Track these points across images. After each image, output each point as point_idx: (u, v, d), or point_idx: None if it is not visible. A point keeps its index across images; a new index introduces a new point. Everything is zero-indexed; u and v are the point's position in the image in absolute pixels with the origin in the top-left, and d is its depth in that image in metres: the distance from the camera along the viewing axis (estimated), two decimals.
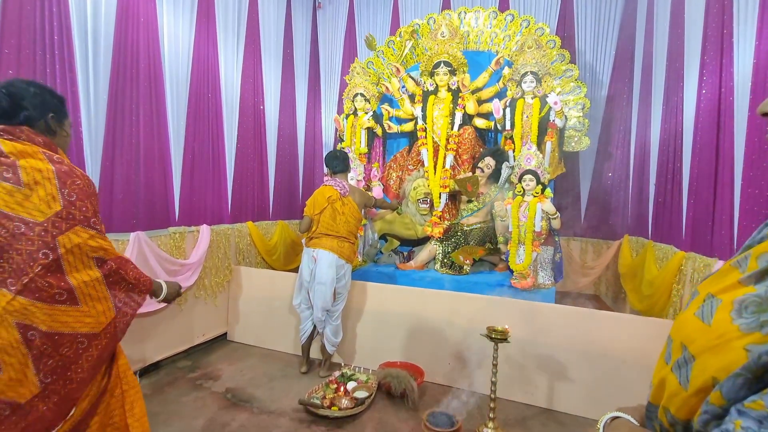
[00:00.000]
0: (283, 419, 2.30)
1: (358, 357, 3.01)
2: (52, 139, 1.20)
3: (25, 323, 1.03)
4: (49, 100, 1.20)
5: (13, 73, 2.01)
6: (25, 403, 1.03)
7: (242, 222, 3.76)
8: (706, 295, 0.55)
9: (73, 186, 1.12)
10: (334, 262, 2.74)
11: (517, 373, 2.54)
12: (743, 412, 0.41)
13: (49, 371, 1.06)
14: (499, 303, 2.65)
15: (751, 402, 0.41)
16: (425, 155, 3.58)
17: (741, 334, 0.44)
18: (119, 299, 1.23)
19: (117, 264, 1.20)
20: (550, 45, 3.56)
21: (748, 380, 0.42)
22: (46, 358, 1.05)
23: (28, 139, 1.12)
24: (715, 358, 0.46)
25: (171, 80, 2.93)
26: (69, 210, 1.10)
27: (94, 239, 1.14)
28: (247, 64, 3.76)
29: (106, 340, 1.18)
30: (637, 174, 3.55)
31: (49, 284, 1.06)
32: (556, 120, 3.27)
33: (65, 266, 1.09)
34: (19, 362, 1.02)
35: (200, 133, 3.24)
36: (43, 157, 1.11)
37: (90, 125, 2.38)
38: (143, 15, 2.69)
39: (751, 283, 0.48)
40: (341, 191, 2.84)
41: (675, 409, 0.52)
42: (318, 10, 4.98)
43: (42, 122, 1.18)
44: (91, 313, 1.14)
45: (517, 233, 3.02)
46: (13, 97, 1.13)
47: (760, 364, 0.41)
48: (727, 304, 0.49)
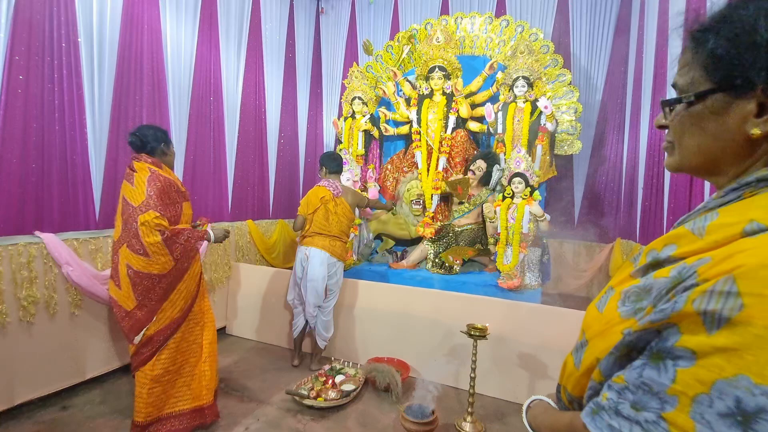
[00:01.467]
0: (270, 408, 2.41)
1: (348, 352, 3.11)
2: (162, 158, 2.06)
3: (128, 264, 1.92)
4: (160, 137, 2.06)
5: (23, 79, 2.16)
6: (131, 310, 1.94)
7: (242, 220, 3.89)
8: (608, 287, 0.62)
9: (152, 186, 1.93)
10: (326, 260, 2.84)
11: (498, 370, 2.61)
12: (610, 386, 0.47)
13: (139, 293, 1.93)
14: (483, 302, 2.72)
15: (616, 377, 0.47)
16: (419, 157, 3.67)
17: (621, 320, 0.50)
18: (176, 254, 1.97)
19: (171, 233, 1.95)
20: (543, 50, 3.62)
21: (618, 358, 0.48)
22: (137, 286, 1.92)
23: (144, 161, 2.00)
24: (601, 341, 0.52)
25: (173, 84, 3.07)
26: (147, 200, 1.91)
27: (157, 219, 1.91)
28: (249, 68, 3.90)
29: (171, 278, 1.98)
30: (628, 178, 3.58)
31: (136, 243, 1.90)
32: (546, 124, 3.33)
33: (141, 233, 1.89)
34: (127, 286, 1.93)
35: (201, 135, 3.39)
36: (147, 170, 1.96)
37: (95, 127, 2.53)
38: (147, 22, 2.84)
39: (638, 276, 0.54)
40: (334, 192, 2.94)
41: (570, 387, 0.58)
42: (321, 16, 5.10)
43: (158, 149, 2.05)
44: (158, 261, 1.93)
45: (505, 234, 3.09)
46: (142, 137, 2.02)
47: (625, 344, 0.47)
48: (617, 295, 0.54)
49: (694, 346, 0.39)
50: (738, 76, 0.46)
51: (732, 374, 0.36)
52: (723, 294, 0.38)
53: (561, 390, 0.63)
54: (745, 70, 0.45)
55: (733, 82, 0.47)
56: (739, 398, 0.35)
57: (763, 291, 0.36)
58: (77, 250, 2.37)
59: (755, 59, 0.44)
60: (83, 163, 2.48)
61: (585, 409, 0.49)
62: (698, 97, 0.50)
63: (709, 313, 0.39)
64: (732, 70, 0.47)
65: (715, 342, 0.38)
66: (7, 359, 2.09)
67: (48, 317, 2.27)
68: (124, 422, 2.19)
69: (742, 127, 0.47)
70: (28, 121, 2.20)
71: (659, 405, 0.40)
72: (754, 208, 0.45)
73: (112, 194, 2.67)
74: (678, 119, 0.53)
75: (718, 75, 0.48)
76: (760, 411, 0.34)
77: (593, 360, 0.52)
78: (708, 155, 0.52)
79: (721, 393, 0.36)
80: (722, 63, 0.47)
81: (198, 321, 2.14)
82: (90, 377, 2.50)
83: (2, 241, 2.07)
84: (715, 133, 0.50)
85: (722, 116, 0.49)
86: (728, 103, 0.48)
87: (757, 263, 0.38)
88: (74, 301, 2.38)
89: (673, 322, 0.42)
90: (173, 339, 2.03)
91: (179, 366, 2.07)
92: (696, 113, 0.51)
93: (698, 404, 0.37)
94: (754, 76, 0.45)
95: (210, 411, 2.14)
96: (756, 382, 0.35)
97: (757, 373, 0.35)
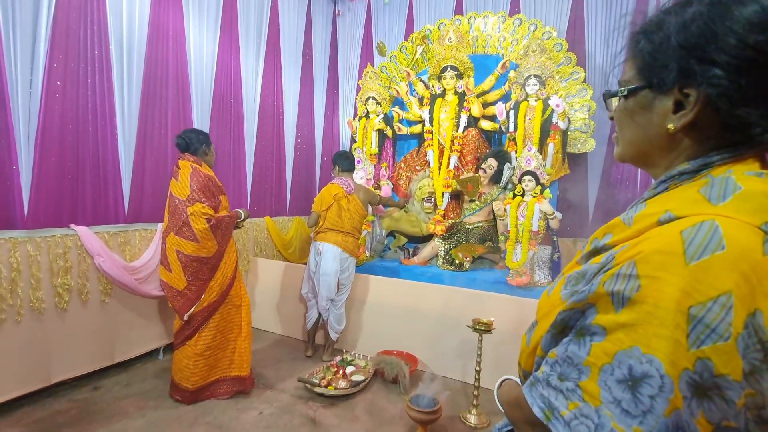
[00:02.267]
0: (284, 395, 2.53)
1: (359, 344, 3.20)
2: (203, 157, 2.42)
3: (177, 249, 2.28)
4: (202, 139, 2.41)
5: (60, 84, 2.35)
6: (182, 289, 2.30)
7: (260, 217, 4.05)
8: (561, 274, 0.68)
9: (194, 181, 2.29)
10: (338, 255, 2.94)
11: (505, 366, 2.64)
12: (546, 361, 0.52)
13: (189, 274, 2.29)
14: (491, 298, 2.76)
15: (550, 352, 0.52)
16: (431, 156, 3.73)
17: (561, 302, 0.55)
18: (219, 238, 2.33)
19: (216, 220, 2.31)
20: (556, 48, 3.62)
21: (554, 335, 0.54)
22: (187, 268, 2.28)
23: (187, 159, 2.35)
24: (545, 321, 0.57)
25: (196, 88, 3.24)
26: (192, 194, 2.27)
27: (204, 208, 2.28)
28: (267, 70, 4.05)
29: (215, 260, 2.34)
30: (643, 177, 3.53)
31: (186, 230, 2.26)
32: (558, 122, 3.33)
33: (191, 221, 2.26)
34: (178, 269, 2.28)
35: (222, 136, 3.55)
36: (189, 168, 2.32)
37: (124, 128, 2.71)
38: (172, 29, 3.01)
39: (582, 262, 0.60)
40: (347, 189, 3.04)
41: (523, 363, 0.64)
42: (337, 18, 5.22)
43: (200, 150, 2.40)
44: (205, 246, 2.29)
45: (515, 232, 3.12)
46: (186, 139, 2.38)
47: (558, 322, 0.53)
48: (563, 280, 0.60)
49: (605, 323, 0.44)
50: (657, 76, 0.52)
51: (628, 346, 0.41)
52: (626, 276, 0.43)
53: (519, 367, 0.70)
54: (662, 71, 0.51)
55: (655, 81, 0.52)
56: (631, 366, 0.40)
57: (656, 273, 0.42)
58: (107, 242, 2.55)
59: (669, 61, 0.50)
60: (113, 161, 2.66)
61: (526, 382, 0.55)
62: (630, 92, 0.55)
63: (616, 293, 0.44)
64: (654, 70, 0.52)
65: (619, 319, 0.43)
66: (44, 341, 2.28)
67: (81, 304, 2.45)
68: (148, 403, 2.35)
69: (663, 122, 0.52)
70: (65, 122, 2.38)
71: (577, 375, 0.45)
72: (672, 199, 0.50)
73: (139, 191, 2.85)
74: (618, 113, 0.59)
75: (645, 74, 0.53)
76: (644, 376, 0.39)
77: (539, 338, 0.57)
78: (640, 147, 0.57)
79: (620, 362, 0.41)
80: (647, 63, 0.53)
81: (235, 303, 2.48)
82: (118, 361, 2.68)
83: (41, 233, 2.26)
84: (643, 127, 0.55)
85: (648, 111, 0.54)
86: (652, 99, 0.53)
87: (653, 249, 0.43)
88: (104, 290, 2.56)
89: (592, 302, 0.47)
90: (213, 319, 2.38)
91: (219, 342, 2.41)
92: (629, 108, 0.56)
93: (603, 373, 0.42)
94: (667, 77, 0.50)
95: (249, 380, 2.51)
96: (644, 351, 0.40)
97: (645, 344, 0.40)
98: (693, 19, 0.48)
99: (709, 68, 0.46)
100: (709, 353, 0.38)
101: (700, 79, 0.47)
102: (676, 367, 0.39)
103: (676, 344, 0.39)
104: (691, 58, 0.48)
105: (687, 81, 0.49)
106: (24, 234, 2.19)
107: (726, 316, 0.38)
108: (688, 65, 0.48)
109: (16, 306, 2.14)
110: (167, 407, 2.32)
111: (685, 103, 0.50)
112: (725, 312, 0.38)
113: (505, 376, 0.85)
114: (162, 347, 2.98)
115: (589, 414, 0.42)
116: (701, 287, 0.39)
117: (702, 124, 0.50)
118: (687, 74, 0.49)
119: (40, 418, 2.15)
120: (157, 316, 2.93)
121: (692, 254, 0.41)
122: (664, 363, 0.39)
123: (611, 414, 0.41)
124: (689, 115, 0.49)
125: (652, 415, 0.39)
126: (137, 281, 2.65)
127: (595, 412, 0.42)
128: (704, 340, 0.38)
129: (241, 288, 2.55)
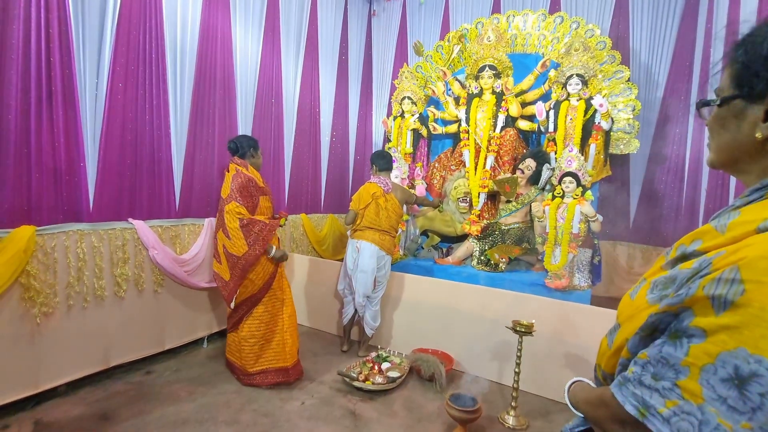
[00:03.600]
0: (324, 387, 2.60)
1: (393, 341, 3.25)
2: (250, 160, 2.61)
3: (224, 244, 2.47)
4: (250, 144, 2.62)
5: (122, 86, 2.50)
6: (228, 280, 2.48)
7: (297, 214, 4.16)
8: (641, 278, 0.69)
9: (235, 182, 2.45)
10: (376, 253, 2.99)
11: (543, 369, 2.62)
12: (635, 361, 0.54)
13: (230, 267, 2.45)
14: (530, 300, 2.74)
15: (641, 354, 0.54)
16: (467, 156, 3.72)
17: (648, 305, 0.57)
18: (250, 241, 2.42)
19: (248, 221, 2.43)
20: (600, 46, 3.53)
21: (642, 338, 0.56)
22: (229, 261, 2.45)
23: (235, 162, 2.56)
24: (630, 324, 0.59)
25: (241, 88, 3.37)
26: (231, 193, 2.43)
27: (238, 207, 2.41)
28: (306, 71, 4.15)
29: (245, 261, 2.43)
30: (690, 180, 3.40)
31: (223, 227, 2.45)
32: (601, 122, 3.25)
33: (225, 219, 2.41)
34: (225, 261, 2.48)
35: (264, 135, 3.67)
36: (234, 170, 2.51)
37: (176, 127, 2.85)
38: (221, 32, 3.13)
39: (668, 268, 0.61)
40: (385, 188, 3.08)
41: (604, 365, 0.66)
42: (373, 18, 5.27)
43: (248, 153, 2.61)
44: (236, 244, 2.42)
45: (554, 234, 3.07)
46: (237, 143, 2.59)
47: (649, 324, 0.55)
48: (648, 284, 0.61)
49: (704, 325, 0.46)
50: (748, 85, 0.53)
51: (733, 347, 0.43)
52: (728, 281, 0.45)
53: (597, 368, 0.71)
54: (753, 80, 0.53)
55: (746, 90, 0.54)
56: (737, 366, 0.42)
57: (761, 278, 0.43)
58: (161, 235, 2.70)
59: (760, 70, 0.52)
60: (167, 159, 2.81)
61: (614, 381, 0.57)
62: (724, 101, 0.57)
63: (717, 297, 0.45)
64: (746, 79, 0.54)
65: (721, 321, 0.45)
66: (103, 327, 2.44)
67: (137, 293, 2.61)
68: (197, 389, 2.48)
69: (752, 130, 0.54)
70: (126, 122, 2.54)
71: (674, 374, 0.47)
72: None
73: (189, 187, 2.99)
74: (711, 120, 0.61)
75: (739, 83, 0.55)
76: (752, 375, 0.41)
77: (623, 341, 0.59)
78: (730, 153, 0.59)
79: (723, 363, 0.43)
80: (742, 73, 0.54)
81: (279, 297, 2.62)
82: (168, 348, 2.84)
83: (103, 226, 2.42)
84: (734, 134, 0.57)
85: (740, 119, 0.56)
86: (744, 108, 0.55)
87: (757, 255, 0.45)
88: (157, 280, 2.71)
89: (688, 306, 0.49)
90: (256, 310, 2.56)
91: (264, 333, 2.57)
92: (722, 115, 0.58)
93: (705, 372, 0.44)
94: (757, 86, 0.52)
95: (293, 370, 2.61)
96: (751, 352, 0.42)
97: (752, 345, 0.42)
98: None
99: None
100: None
101: None
102: None
103: None
104: None
105: None
106: (89, 226, 2.35)
107: None
108: None
109: (83, 293, 2.31)
110: (215, 393, 2.44)
111: None
112: None
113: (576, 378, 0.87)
114: (206, 336, 3.12)
115: (692, 411, 0.44)
116: None
117: None
118: None
119: (101, 398, 2.31)
120: (203, 307, 3.08)
121: None
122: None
123: (716, 411, 0.43)
124: None
125: (762, 412, 0.40)
126: (186, 273, 2.79)
127: (698, 409, 0.44)
128: None
129: (285, 283, 2.66)
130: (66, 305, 2.25)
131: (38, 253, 2.11)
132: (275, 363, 2.57)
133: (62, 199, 2.27)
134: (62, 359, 2.25)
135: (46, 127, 2.16)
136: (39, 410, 2.16)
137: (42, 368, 2.17)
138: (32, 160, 2.12)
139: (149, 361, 2.75)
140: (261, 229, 2.44)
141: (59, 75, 2.18)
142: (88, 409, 2.20)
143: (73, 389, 2.36)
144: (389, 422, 2.27)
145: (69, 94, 2.24)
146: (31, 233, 2.05)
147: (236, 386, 2.54)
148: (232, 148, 2.61)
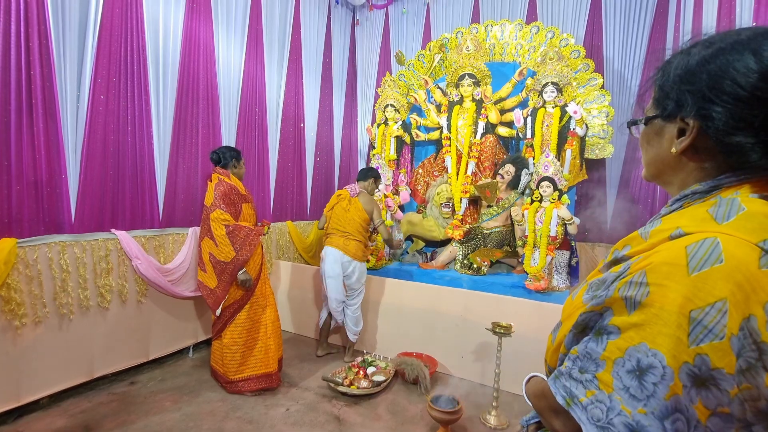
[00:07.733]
0: (309, 393, 2.63)
1: (379, 346, 3.29)
2: (232, 170, 2.68)
3: (210, 252, 2.54)
4: (232, 154, 2.70)
5: (103, 98, 2.52)
6: (213, 288, 2.54)
7: (282, 221, 4.18)
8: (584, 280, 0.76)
9: (217, 190, 2.53)
10: (339, 258, 3.00)
11: (524, 369, 2.69)
12: (568, 357, 0.60)
13: (217, 274, 2.53)
14: (510, 302, 2.81)
15: (572, 350, 0.60)
16: (449, 162, 3.80)
17: (582, 305, 0.62)
18: (237, 246, 2.51)
19: (233, 228, 2.52)
20: (574, 55, 3.65)
21: (576, 334, 0.62)
22: (215, 268, 2.53)
23: (217, 172, 2.62)
24: (568, 322, 0.65)
25: (224, 97, 3.40)
26: (215, 201, 2.51)
27: (223, 215, 2.50)
28: (290, 80, 4.20)
29: (233, 266, 2.51)
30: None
31: (209, 235, 2.53)
32: (576, 128, 3.37)
33: (212, 227, 2.50)
34: (210, 269, 2.55)
35: (248, 143, 3.70)
36: (217, 179, 2.58)
37: (159, 137, 2.87)
38: (203, 44, 3.17)
39: (604, 270, 0.66)
40: (351, 192, 3.13)
41: (549, 360, 0.72)
42: (356, 27, 5.35)
43: (230, 164, 2.68)
44: (223, 251, 2.50)
45: (533, 237, 3.16)
46: (219, 154, 2.67)
47: (579, 323, 0.61)
48: (586, 286, 0.67)
49: (619, 323, 0.52)
50: (663, 105, 0.61)
51: (638, 342, 0.49)
52: (638, 284, 0.51)
53: (545, 363, 0.78)
54: (666, 101, 0.60)
55: (662, 111, 0.61)
56: (639, 359, 0.48)
57: (662, 281, 0.49)
58: (144, 245, 2.71)
59: (671, 93, 0.59)
60: (150, 169, 2.82)
61: (551, 376, 0.63)
62: (647, 120, 0.64)
63: (628, 297, 0.52)
64: (663, 101, 0.61)
65: (631, 320, 0.51)
66: (87, 338, 2.44)
67: (120, 304, 2.61)
68: (181, 398, 2.48)
69: (670, 145, 0.61)
70: (107, 134, 2.55)
71: (595, 368, 0.53)
72: (684, 217, 0.58)
73: (172, 196, 3.00)
74: (640, 137, 0.68)
75: (658, 104, 0.62)
76: (649, 367, 0.47)
77: (562, 337, 0.65)
78: (656, 168, 0.66)
79: (630, 356, 0.49)
80: (659, 95, 0.62)
81: (261, 304, 2.66)
82: (152, 358, 2.84)
83: (86, 237, 2.43)
84: (657, 150, 0.64)
85: (660, 137, 0.63)
86: (662, 127, 0.62)
87: (661, 260, 0.51)
88: (141, 290, 2.72)
89: (608, 305, 0.55)
90: (239, 317, 2.60)
91: (246, 340, 2.60)
92: (647, 133, 0.66)
93: (616, 365, 0.51)
94: (669, 106, 0.59)
95: (276, 376, 2.65)
96: (650, 347, 0.48)
97: (651, 340, 0.48)
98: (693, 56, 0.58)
99: (699, 100, 0.55)
100: (707, 350, 0.46)
101: (691, 109, 0.56)
102: (676, 360, 0.46)
103: (678, 341, 0.47)
104: (685, 92, 0.57)
105: (684, 111, 0.57)
106: (71, 238, 2.35)
107: (721, 319, 0.46)
108: (683, 97, 0.57)
109: (66, 304, 2.31)
110: (200, 402, 2.45)
111: (686, 130, 0.58)
112: (721, 315, 0.46)
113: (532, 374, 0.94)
114: (192, 345, 3.12)
115: (603, 399, 0.51)
116: (701, 294, 0.47)
117: (702, 149, 0.58)
118: (681, 105, 0.57)
119: (85, 409, 2.31)
120: (189, 316, 3.08)
121: (694, 266, 0.49)
122: (666, 356, 0.47)
123: (621, 398, 0.49)
124: (686, 140, 0.58)
125: (654, 398, 0.47)
126: (170, 282, 2.80)
127: (608, 397, 0.51)
128: (702, 339, 0.46)
129: (267, 289, 2.70)
130: (48, 317, 2.25)
131: (19, 265, 2.11)
132: (258, 369, 2.60)
133: (43, 210, 2.28)
134: (45, 371, 2.25)
135: (26, 139, 2.17)
136: (21, 423, 2.15)
137: (24, 380, 2.17)
138: (12, 172, 2.13)
139: (134, 372, 2.75)
140: (247, 234, 2.55)
141: (39, 87, 2.20)
142: (70, 421, 2.19)
143: (56, 401, 2.35)
144: (373, 426, 2.31)
145: (50, 106, 2.26)
146: (12, 245, 2.05)
147: (221, 394, 2.56)
148: (214, 159, 2.68)
